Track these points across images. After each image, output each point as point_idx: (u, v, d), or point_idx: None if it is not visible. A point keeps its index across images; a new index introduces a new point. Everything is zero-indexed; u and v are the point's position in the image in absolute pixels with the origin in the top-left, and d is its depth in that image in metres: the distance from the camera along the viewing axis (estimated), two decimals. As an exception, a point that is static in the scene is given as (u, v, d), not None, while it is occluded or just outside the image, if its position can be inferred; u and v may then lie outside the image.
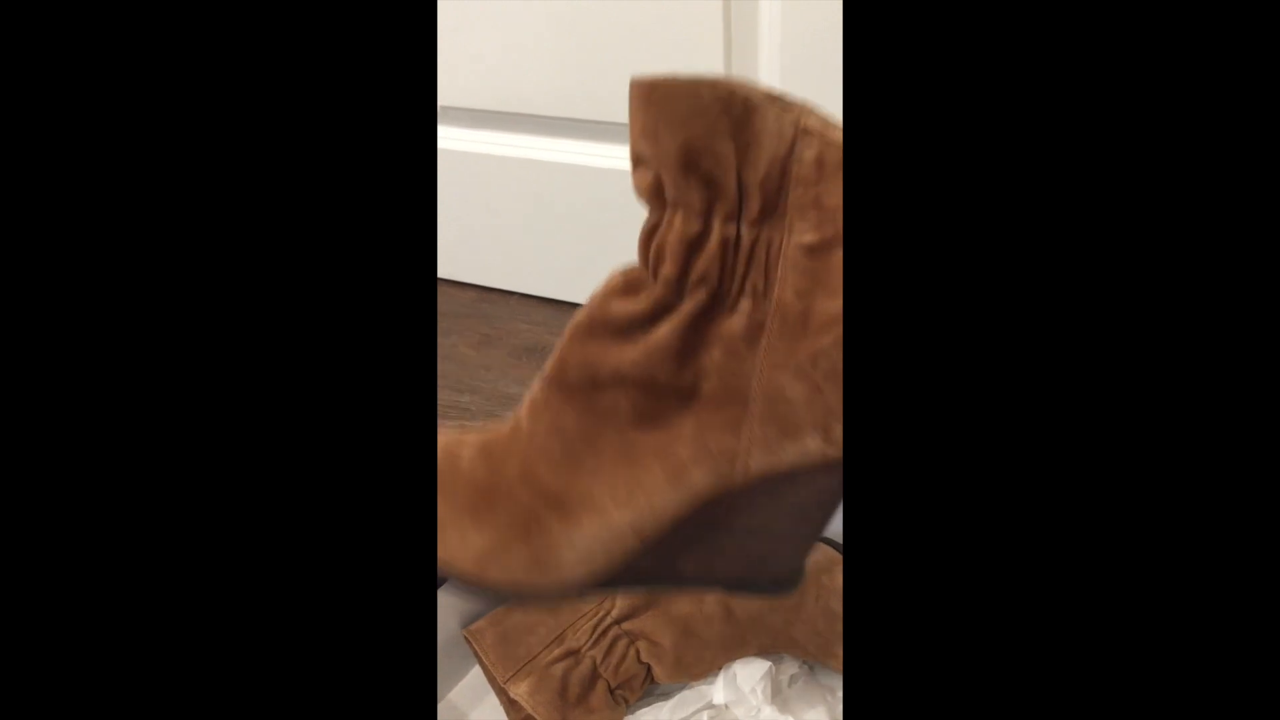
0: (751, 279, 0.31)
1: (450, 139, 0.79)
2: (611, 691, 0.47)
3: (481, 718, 0.49)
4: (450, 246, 0.86)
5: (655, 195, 0.31)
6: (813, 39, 0.58)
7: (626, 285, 0.32)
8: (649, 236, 0.32)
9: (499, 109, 0.74)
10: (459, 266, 0.89)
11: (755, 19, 0.60)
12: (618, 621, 0.49)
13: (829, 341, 0.29)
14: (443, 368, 0.80)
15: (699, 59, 0.62)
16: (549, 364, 0.34)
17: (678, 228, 0.31)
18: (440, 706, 0.51)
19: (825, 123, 0.28)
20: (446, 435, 0.37)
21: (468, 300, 0.89)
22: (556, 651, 0.48)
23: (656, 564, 0.34)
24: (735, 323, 0.31)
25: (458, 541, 0.34)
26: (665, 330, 0.31)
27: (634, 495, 0.33)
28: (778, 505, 0.33)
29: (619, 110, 0.67)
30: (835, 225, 0.29)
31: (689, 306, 0.31)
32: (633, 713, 0.49)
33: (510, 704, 0.47)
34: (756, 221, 0.30)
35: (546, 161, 0.75)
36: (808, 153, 0.28)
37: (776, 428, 0.30)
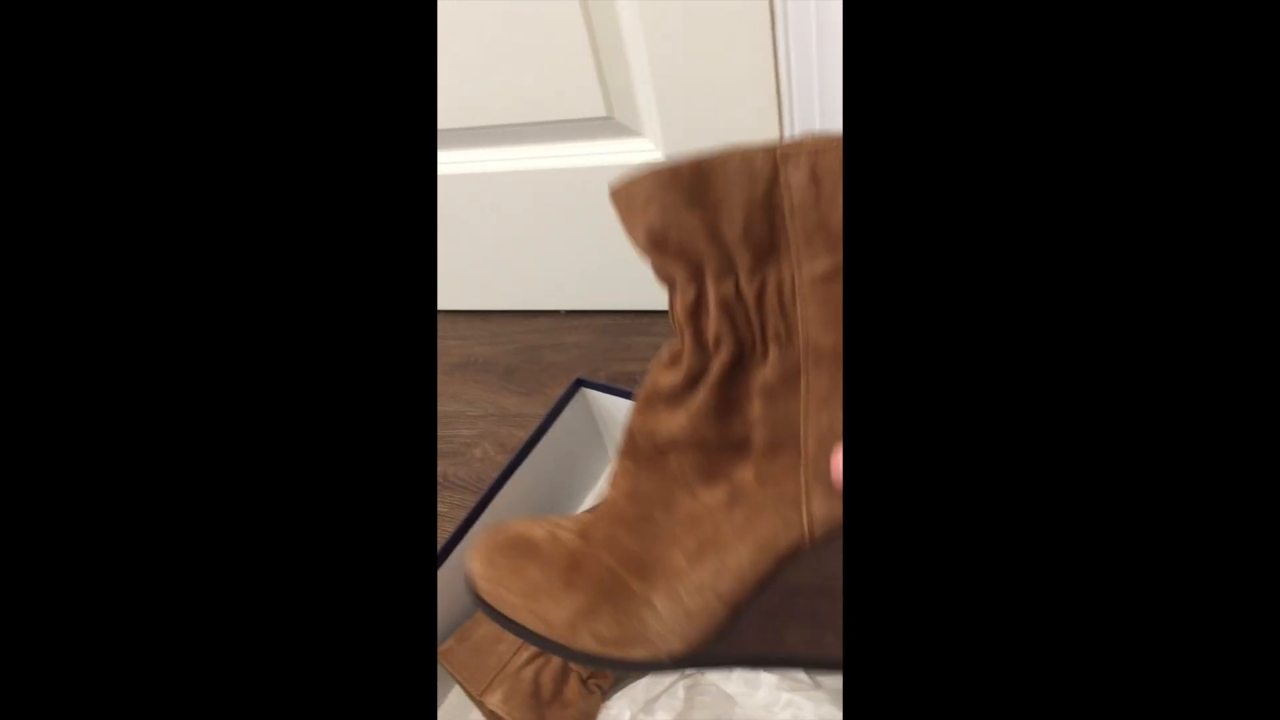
0: (771, 326, 0.31)
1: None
2: (584, 682, 0.48)
3: (467, 733, 0.50)
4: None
5: (661, 278, 0.32)
6: (677, 28, 0.59)
7: (670, 358, 0.33)
8: (671, 312, 0.33)
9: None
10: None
11: (615, 16, 0.61)
12: (580, 614, 0.50)
13: None
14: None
15: (566, 59, 0.63)
16: (621, 436, 0.36)
17: (677, 300, 0.32)
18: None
19: (816, 137, 0.27)
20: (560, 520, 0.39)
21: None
22: (525, 654, 0.49)
23: (760, 636, 0.34)
24: (768, 372, 0.31)
25: (551, 604, 0.35)
26: (702, 394, 0.32)
27: (704, 551, 0.33)
28: None
29: (513, 113, 0.67)
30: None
31: (715, 367, 0.32)
32: (608, 698, 0.50)
33: (490, 715, 0.48)
34: (754, 269, 0.30)
35: (452, 175, 0.75)
36: (796, 176, 0.27)
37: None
